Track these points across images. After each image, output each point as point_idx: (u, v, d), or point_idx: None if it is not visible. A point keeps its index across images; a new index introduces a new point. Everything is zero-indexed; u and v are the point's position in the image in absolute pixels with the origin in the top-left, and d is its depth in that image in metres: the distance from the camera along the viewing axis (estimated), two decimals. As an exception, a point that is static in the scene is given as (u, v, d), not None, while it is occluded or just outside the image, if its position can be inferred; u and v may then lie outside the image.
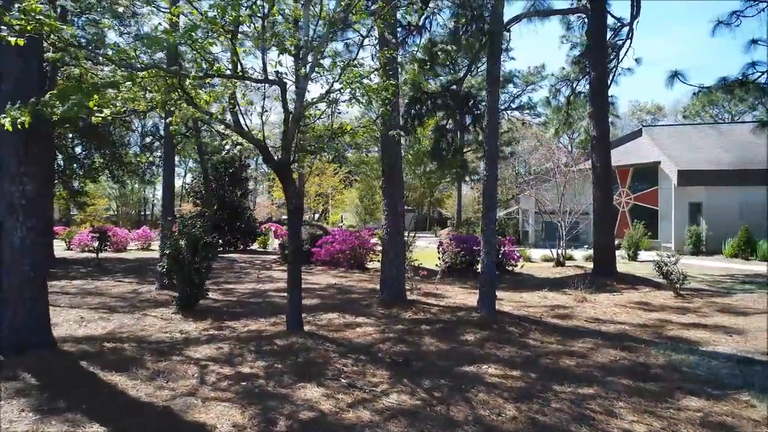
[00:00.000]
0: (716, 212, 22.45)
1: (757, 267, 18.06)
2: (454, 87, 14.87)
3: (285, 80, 6.41)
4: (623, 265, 18.76)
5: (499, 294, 11.26)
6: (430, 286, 11.70)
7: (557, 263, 17.55)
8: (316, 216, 44.48)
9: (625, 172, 27.99)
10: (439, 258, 14.58)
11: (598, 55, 13.18)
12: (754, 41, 10.08)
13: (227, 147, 7.63)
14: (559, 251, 17.83)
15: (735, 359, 6.10)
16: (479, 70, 37.18)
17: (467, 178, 42.92)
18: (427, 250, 20.32)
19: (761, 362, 6.00)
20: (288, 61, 6.53)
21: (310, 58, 6.34)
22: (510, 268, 16.25)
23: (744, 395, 4.81)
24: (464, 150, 36.91)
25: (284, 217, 36.00)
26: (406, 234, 10.72)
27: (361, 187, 30.53)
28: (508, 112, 39.73)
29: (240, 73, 6.12)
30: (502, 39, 9.33)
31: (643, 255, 21.96)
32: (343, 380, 5.09)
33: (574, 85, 15.98)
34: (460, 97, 14.48)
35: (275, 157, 6.95)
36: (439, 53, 13.35)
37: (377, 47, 9.01)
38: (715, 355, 6.24)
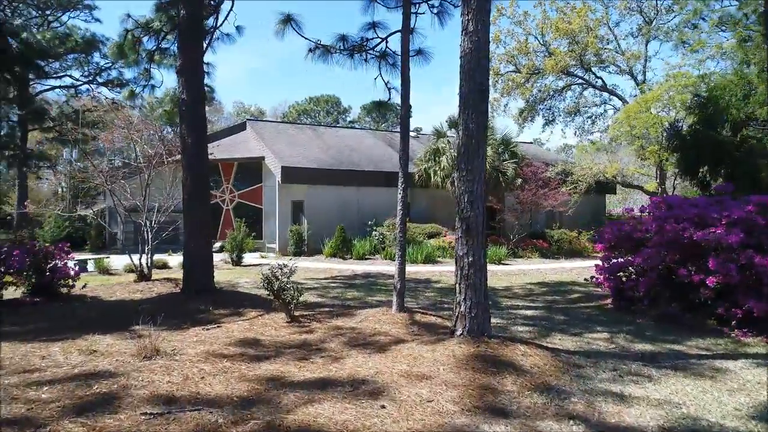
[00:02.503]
0: (317, 211, 22.10)
1: (354, 266, 17.89)
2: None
3: None
4: (226, 273, 15.71)
5: (8, 348, 6.09)
6: None
7: (141, 276, 12.96)
8: None
9: (230, 167, 25.48)
10: None
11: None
12: (375, -1, 8.09)
13: None
14: (144, 260, 13.30)
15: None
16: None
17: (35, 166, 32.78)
18: None
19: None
20: None
21: None
22: (65, 291, 10.87)
23: None
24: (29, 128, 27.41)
25: None
26: None
27: None
28: (94, 86, 32.19)
29: None
30: None
31: (248, 257, 19.61)
32: None
33: (160, 39, 11.76)
34: None
35: None
36: None
37: None
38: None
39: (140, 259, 13.16)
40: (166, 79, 15.37)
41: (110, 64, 31.13)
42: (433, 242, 20.92)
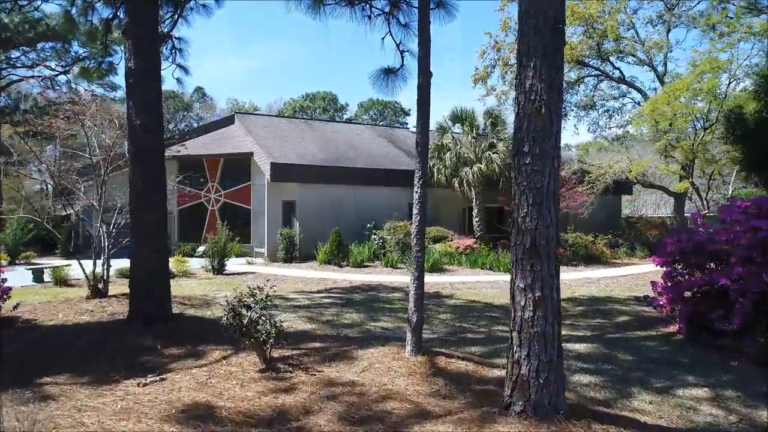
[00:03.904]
0: (310, 213, 19.90)
1: (351, 275, 15.72)
2: None
3: None
4: (204, 284, 13.47)
5: None
6: None
7: (94, 292, 10.76)
8: None
9: (215, 164, 23.28)
10: None
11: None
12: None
13: None
14: (101, 271, 11.13)
15: None
16: None
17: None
18: None
19: None
20: None
21: None
22: (-8, 313, 8.70)
23: None
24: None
25: None
26: None
27: None
28: (70, 77, 29.83)
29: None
30: None
31: (233, 264, 17.43)
32: None
33: (118, 4, 9.54)
34: None
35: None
36: None
37: None
38: None
39: (93, 271, 10.96)
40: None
41: (87, 53, 28.79)
42: (439, 247, 18.79)
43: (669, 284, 8.28)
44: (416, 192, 5.88)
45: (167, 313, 7.41)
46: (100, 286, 10.89)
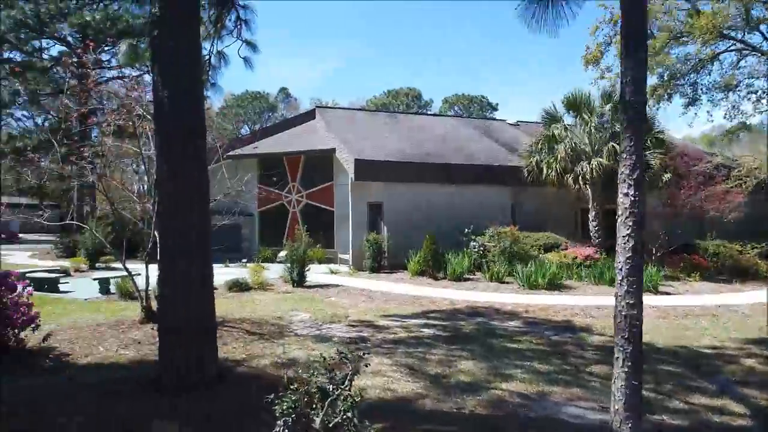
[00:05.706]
0: (398, 216, 17.46)
1: (450, 292, 12.98)
2: None
3: None
4: (280, 300, 11.28)
5: None
6: None
7: (148, 314, 8.87)
8: None
9: (296, 162, 21.49)
10: None
11: None
12: None
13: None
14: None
15: None
16: None
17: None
18: None
19: None
20: None
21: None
22: (14, 344, 6.97)
23: None
24: None
25: None
26: None
27: None
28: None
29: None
30: None
31: (315, 273, 15.23)
32: None
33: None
34: None
35: None
36: None
37: None
38: None
39: (147, 288, 9.13)
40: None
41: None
42: (552, 257, 15.62)
43: None
44: (628, 192, 3.13)
45: (208, 374, 5.09)
46: (156, 306, 9.05)
